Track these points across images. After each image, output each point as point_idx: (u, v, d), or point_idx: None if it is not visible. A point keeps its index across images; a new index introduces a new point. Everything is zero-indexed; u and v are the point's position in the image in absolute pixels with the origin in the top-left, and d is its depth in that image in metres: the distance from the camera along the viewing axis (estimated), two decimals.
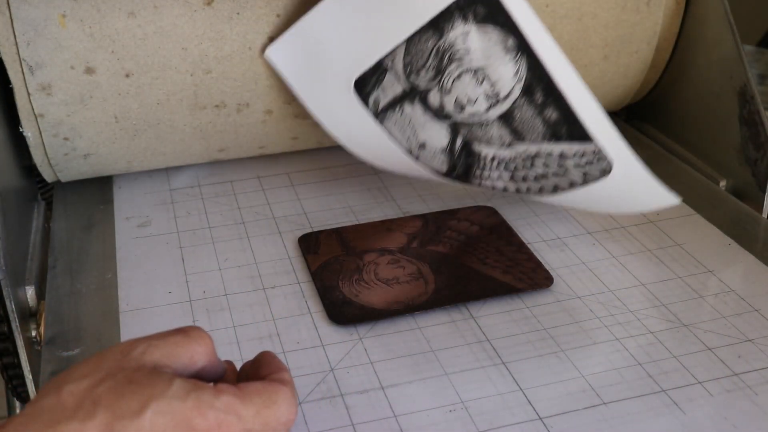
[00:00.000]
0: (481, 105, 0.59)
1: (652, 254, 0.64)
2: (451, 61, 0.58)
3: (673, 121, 0.80)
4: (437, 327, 0.56)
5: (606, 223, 0.67)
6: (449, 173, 0.61)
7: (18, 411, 0.76)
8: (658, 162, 0.77)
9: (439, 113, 0.60)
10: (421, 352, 0.54)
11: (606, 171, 0.59)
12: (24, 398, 0.64)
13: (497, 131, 0.59)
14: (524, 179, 0.60)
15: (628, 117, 0.87)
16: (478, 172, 0.61)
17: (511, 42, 0.57)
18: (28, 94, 0.63)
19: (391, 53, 0.59)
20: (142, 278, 0.61)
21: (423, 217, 0.68)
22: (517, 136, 0.59)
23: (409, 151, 0.61)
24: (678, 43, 0.77)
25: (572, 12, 0.72)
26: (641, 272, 0.62)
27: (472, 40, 0.57)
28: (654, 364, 0.53)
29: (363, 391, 0.51)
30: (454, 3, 0.57)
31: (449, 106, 0.59)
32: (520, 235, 0.65)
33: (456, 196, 0.71)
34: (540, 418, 0.49)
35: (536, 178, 0.60)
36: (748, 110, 0.69)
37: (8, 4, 0.61)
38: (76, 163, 0.68)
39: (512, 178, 0.60)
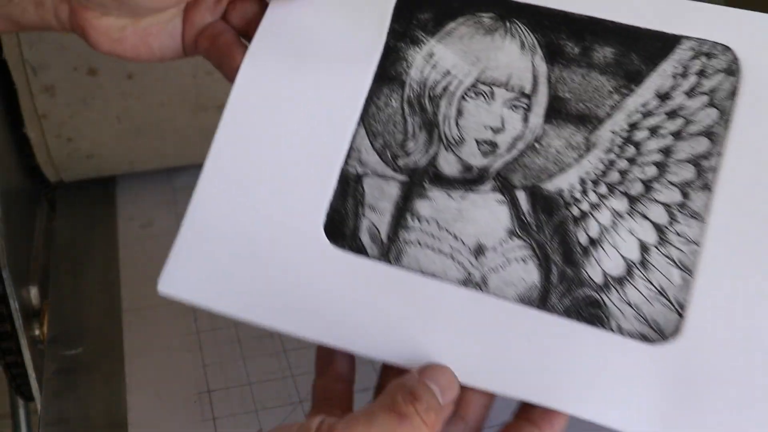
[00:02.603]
0: (515, 123, 0.39)
1: None
2: (435, 102, 0.41)
3: None
4: None
5: None
6: (548, 277, 0.38)
7: (21, 410, 0.76)
8: None
9: (469, 178, 0.39)
10: None
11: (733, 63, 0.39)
12: (27, 396, 0.64)
13: (558, 142, 0.39)
14: (647, 181, 0.38)
15: None
16: (580, 239, 0.38)
17: (487, 22, 0.41)
18: (32, 95, 0.64)
19: (351, 152, 0.40)
20: (145, 278, 0.61)
21: None
22: (586, 121, 0.39)
23: (467, 277, 0.38)
24: None
25: None
26: None
27: (444, 59, 0.41)
28: None
29: (364, 390, 0.51)
30: (390, 37, 0.41)
31: (474, 157, 0.39)
32: None
33: None
34: None
35: (660, 162, 0.38)
36: None
37: None
38: (78, 163, 0.69)
39: (631, 201, 0.38)
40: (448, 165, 0.40)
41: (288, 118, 0.40)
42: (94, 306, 0.59)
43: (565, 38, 0.40)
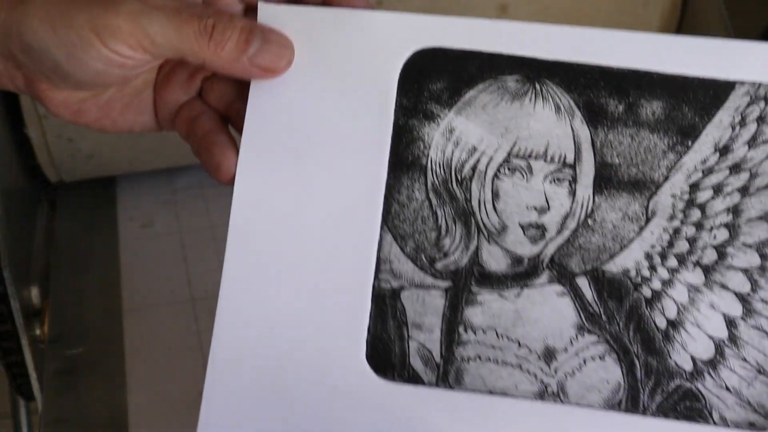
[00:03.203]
0: (560, 195, 0.34)
1: None
2: (466, 186, 0.35)
3: None
4: None
5: None
6: (632, 372, 0.34)
7: (22, 409, 0.76)
8: None
9: (520, 271, 0.34)
10: None
11: None
12: (28, 396, 0.64)
13: (613, 213, 0.34)
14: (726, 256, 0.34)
15: None
16: (658, 323, 0.34)
17: (512, 85, 0.35)
18: None
19: (381, 264, 0.34)
20: (145, 277, 0.62)
21: None
22: (642, 187, 0.34)
23: (543, 388, 0.34)
24: None
25: (570, 14, 0.73)
26: None
27: (467, 134, 0.35)
28: None
29: None
30: (399, 114, 0.35)
31: (520, 243, 0.34)
32: None
33: None
34: None
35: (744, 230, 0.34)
36: None
37: None
38: (79, 163, 0.69)
39: (706, 272, 0.34)
40: (494, 260, 0.34)
41: (300, 233, 0.34)
42: (94, 306, 0.59)
43: (606, 96, 0.34)
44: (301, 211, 0.34)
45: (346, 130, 0.34)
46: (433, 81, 0.35)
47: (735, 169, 0.34)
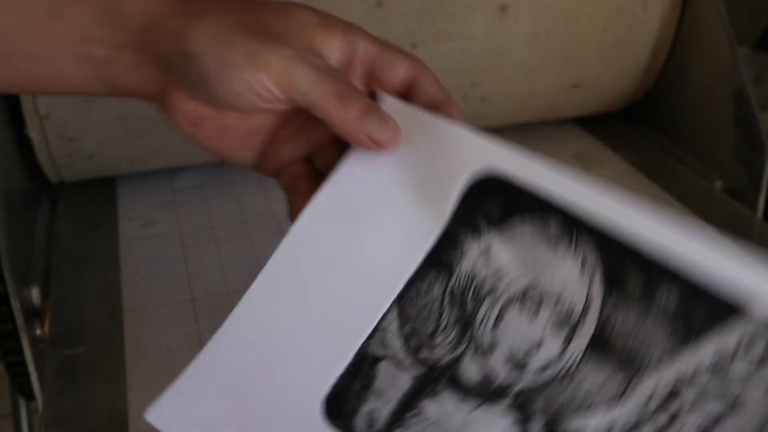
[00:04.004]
0: (553, 345, 0.35)
1: None
2: (479, 299, 0.37)
3: (670, 123, 0.81)
4: None
5: None
6: None
7: (23, 409, 0.76)
8: (655, 163, 0.77)
9: (487, 391, 0.36)
10: None
11: None
12: (28, 396, 0.64)
13: (593, 378, 0.35)
14: None
15: (625, 118, 0.87)
16: None
17: (554, 227, 0.36)
18: (33, 95, 0.64)
19: (376, 332, 0.37)
20: (146, 277, 0.62)
21: None
22: (630, 365, 0.34)
23: None
24: (674, 46, 0.78)
25: (570, 15, 0.73)
26: None
27: (499, 256, 0.37)
28: None
29: None
30: (452, 219, 0.38)
31: (499, 371, 0.36)
32: None
33: None
34: None
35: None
36: (743, 112, 0.70)
37: None
38: (80, 163, 0.69)
39: None
40: (470, 372, 0.36)
41: (326, 282, 0.38)
42: (95, 305, 0.59)
43: (629, 268, 0.35)
44: (335, 266, 0.38)
45: (405, 217, 0.38)
46: (490, 200, 0.37)
47: (723, 386, 0.33)
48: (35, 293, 0.60)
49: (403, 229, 0.38)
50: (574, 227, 0.36)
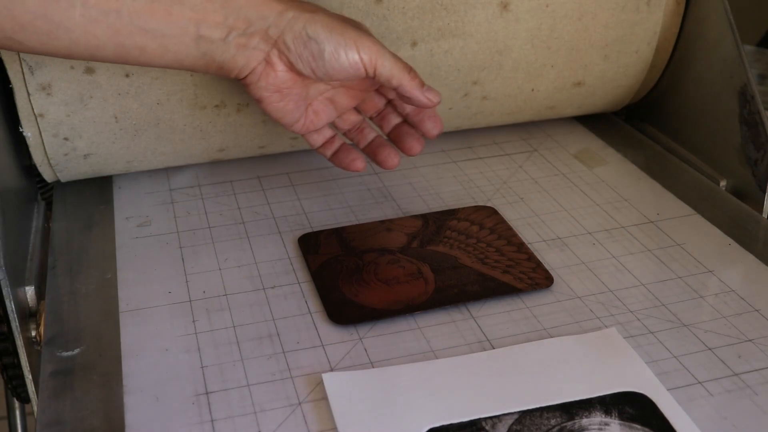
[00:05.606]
0: None
1: (652, 254, 0.64)
2: None
3: (674, 121, 0.80)
4: (437, 327, 0.56)
5: (606, 223, 0.67)
6: None
7: (17, 411, 0.76)
8: (658, 162, 0.77)
9: None
10: (421, 351, 0.54)
11: None
12: (23, 398, 0.64)
13: None
14: None
15: (628, 117, 0.87)
16: None
17: None
18: (28, 94, 0.63)
19: (495, 417, 0.47)
20: (142, 278, 0.61)
21: (423, 217, 0.68)
22: None
23: None
24: (678, 43, 0.77)
25: (572, 12, 0.72)
26: (641, 272, 0.62)
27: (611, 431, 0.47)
28: (654, 364, 0.53)
29: None
30: (596, 398, 0.49)
31: None
32: (520, 235, 0.65)
33: (456, 196, 0.71)
34: None
35: None
36: (748, 110, 0.69)
37: None
38: (76, 163, 0.68)
39: None
40: None
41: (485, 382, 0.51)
42: (91, 307, 0.58)
43: None
44: None
45: None
46: None
47: None
48: (30, 294, 0.60)
49: None
50: None
